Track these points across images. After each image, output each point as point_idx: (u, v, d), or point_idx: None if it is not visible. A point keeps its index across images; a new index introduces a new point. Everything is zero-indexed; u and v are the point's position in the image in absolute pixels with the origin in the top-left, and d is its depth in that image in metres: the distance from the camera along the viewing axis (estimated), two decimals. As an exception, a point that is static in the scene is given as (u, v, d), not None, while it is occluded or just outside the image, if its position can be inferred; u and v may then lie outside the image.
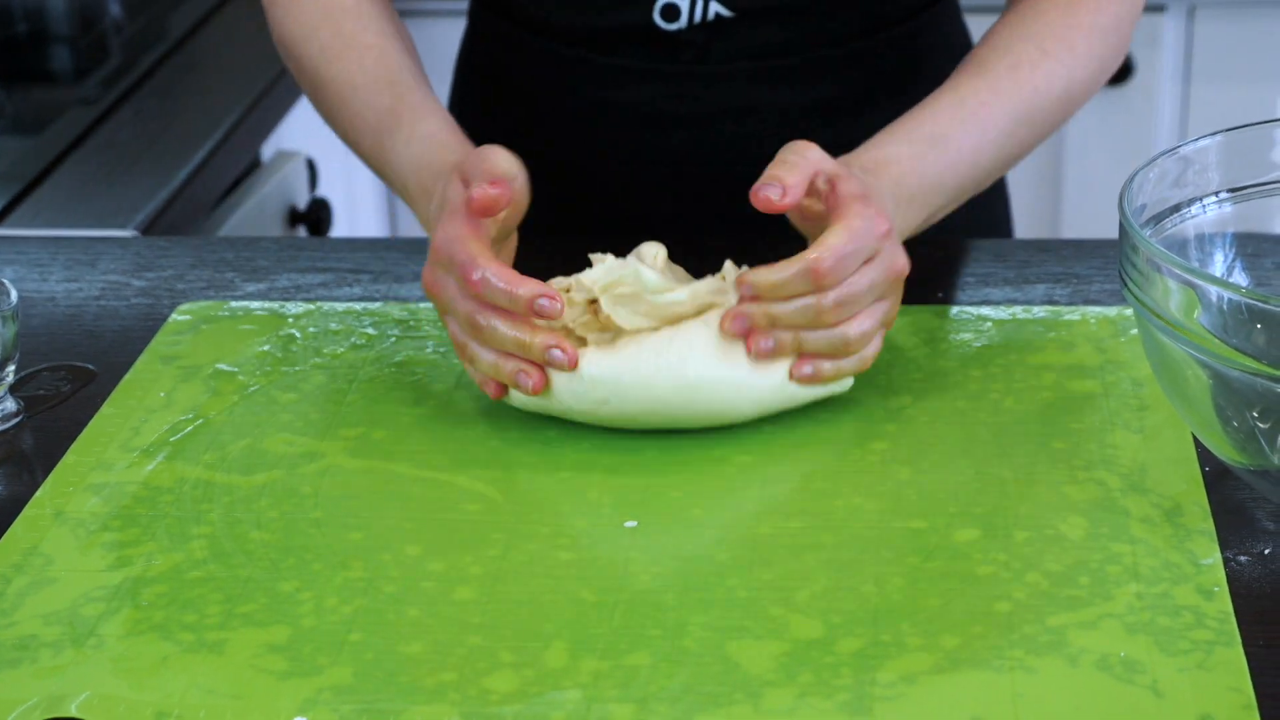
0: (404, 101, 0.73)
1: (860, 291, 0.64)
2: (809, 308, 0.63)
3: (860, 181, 0.65)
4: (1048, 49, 0.73)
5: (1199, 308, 0.57)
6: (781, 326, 0.64)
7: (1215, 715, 0.51)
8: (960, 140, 0.70)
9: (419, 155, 0.71)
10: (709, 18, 0.78)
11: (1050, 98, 0.73)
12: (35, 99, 1.23)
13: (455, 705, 0.53)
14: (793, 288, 0.63)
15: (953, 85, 0.72)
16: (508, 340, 0.64)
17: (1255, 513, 0.61)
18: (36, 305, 0.80)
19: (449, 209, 0.66)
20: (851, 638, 0.55)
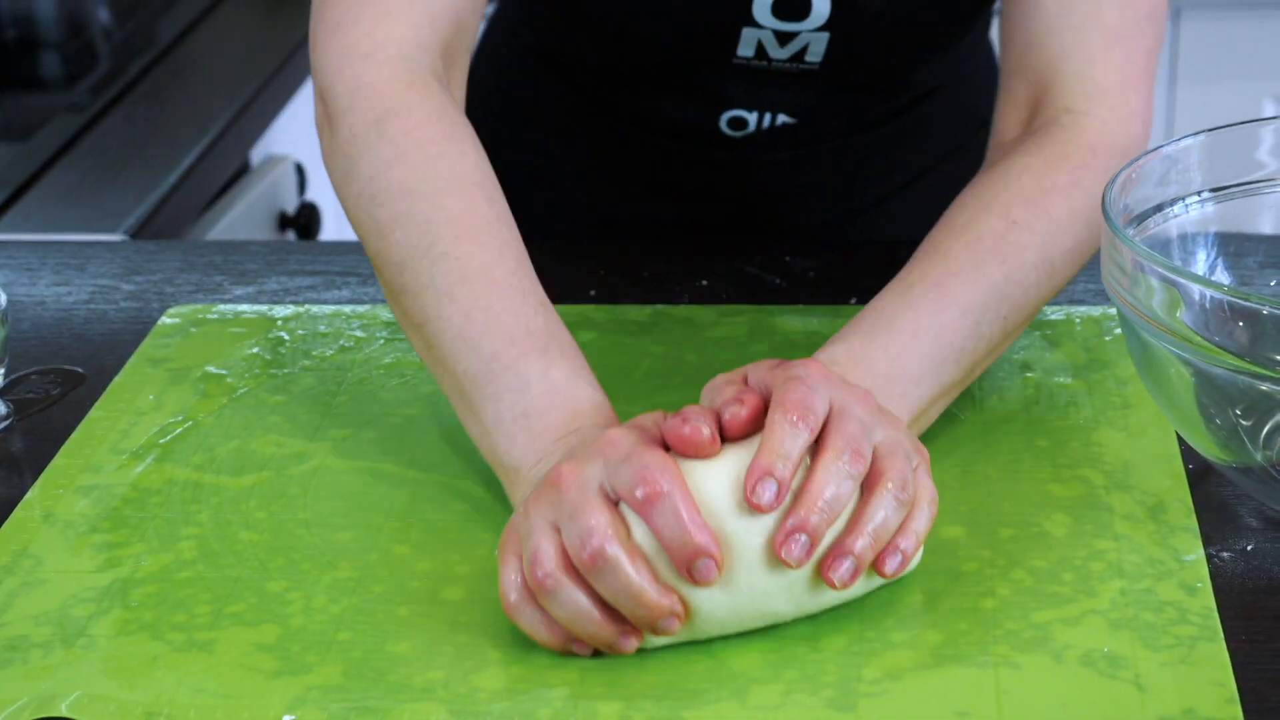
0: (560, 333, 0.60)
1: (852, 429, 0.53)
2: (836, 467, 0.52)
3: (767, 363, 0.56)
4: (1015, 218, 0.63)
5: (1182, 306, 0.58)
6: (836, 512, 0.53)
7: (1198, 709, 0.52)
8: (913, 321, 0.60)
9: (580, 398, 0.58)
10: (776, 125, 0.79)
11: (1023, 268, 0.62)
12: (24, 104, 1.23)
13: (443, 703, 0.53)
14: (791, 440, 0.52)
15: (902, 275, 0.63)
16: (624, 584, 0.52)
17: (1238, 509, 0.61)
18: (26, 309, 0.80)
19: (637, 425, 0.54)
20: (837, 634, 0.55)
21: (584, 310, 0.77)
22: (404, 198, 0.62)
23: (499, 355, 0.59)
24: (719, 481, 0.53)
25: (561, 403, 0.58)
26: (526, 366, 0.59)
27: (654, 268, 0.80)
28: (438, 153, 0.63)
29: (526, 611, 0.54)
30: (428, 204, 0.62)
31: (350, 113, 0.65)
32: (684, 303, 0.77)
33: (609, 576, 0.52)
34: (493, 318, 0.60)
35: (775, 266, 0.79)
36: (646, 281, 0.79)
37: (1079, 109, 0.67)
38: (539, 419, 0.58)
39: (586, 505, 0.52)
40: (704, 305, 0.76)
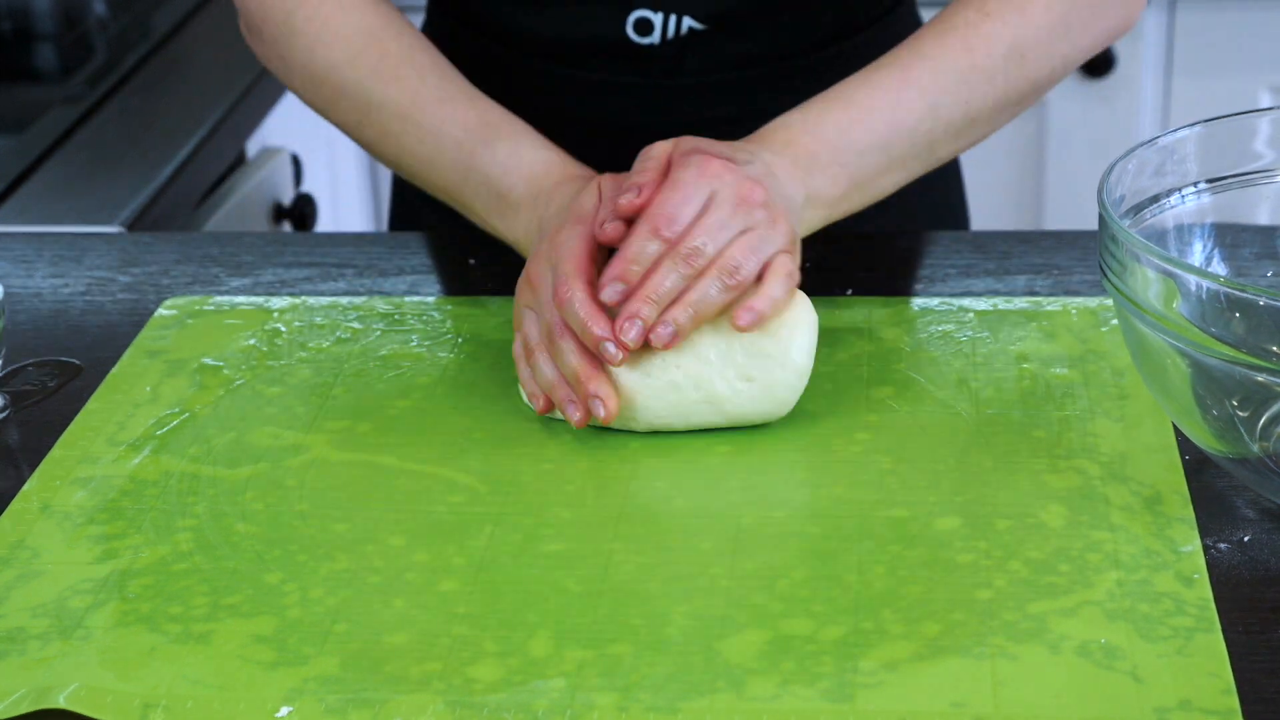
0: (493, 114, 0.72)
1: (712, 226, 0.62)
2: (675, 267, 0.62)
3: (693, 143, 0.65)
4: (989, 10, 0.69)
5: (1178, 297, 0.58)
6: (665, 302, 0.62)
7: (1195, 701, 0.52)
8: (870, 97, 0.67)
9: (530, 162, 0.70)
10: (682, 31, 0.78)
11: (991, 57, 0.68)
12: (20, 96, 1.23)
13: (440, 694, 0.54)
14: (644, 252, 0.62)
15: (875, 61, 0.70)
16: (569, 367, 0.64)
17: (1235, 500, 0.61)
18: (22, 301, 0.80)
19: (576, 216, 0.65)
20: (833, 626, 0.55)
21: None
22: (331, 72, 0.75)
23: (458, 163, 0.71)
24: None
25: (518, 177, 0.70)
26: (480, 161, 0.71)
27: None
28: (341, 21, 0.75)
29: (521, 369, 0.66)
30: (350, 69, 0.74)
31: (265, 20, 0.76)
32: None
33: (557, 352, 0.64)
34: (439, 134, 0.72)
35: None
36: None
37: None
38: (509, 196, 0.70)
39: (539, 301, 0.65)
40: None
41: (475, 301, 0.77)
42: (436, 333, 0.74)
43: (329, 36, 0.74)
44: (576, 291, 0.63)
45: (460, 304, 0.77)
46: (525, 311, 0.66)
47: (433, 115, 0.72)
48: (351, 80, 0.74)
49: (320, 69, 0.75)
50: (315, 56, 0.75)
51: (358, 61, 0.74)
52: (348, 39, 0.74)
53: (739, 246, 0.63)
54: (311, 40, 0.75)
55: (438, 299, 0.77)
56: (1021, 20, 0.69)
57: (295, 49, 0.76)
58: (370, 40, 0.74)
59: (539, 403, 0.66)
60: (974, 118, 0.69)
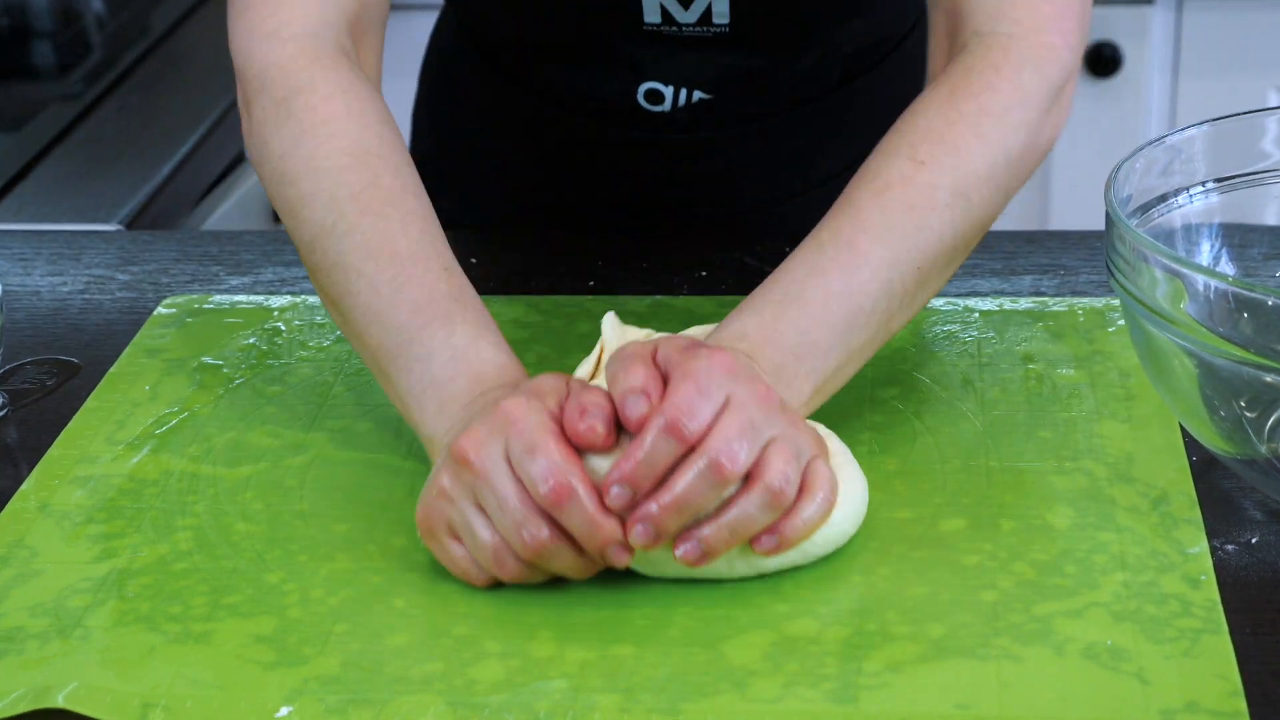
0: (465, 295, 0.62)
1: (738, 431, 0.54)
2: (703, 476, 0.54)
3: (683, 340, 0.57)
4: (921, 158, 0.62)
5: (1185, 297, 0.57)
6: (690, 515, 0.55)
7: (1201, 702, 0.51)
8: (823, 289, 0.60)
9: (484, 361, 0.59)
10: (693, 100, 0.78)
11: (935, 209, 0.61)
12: (17, 94, 1.23)
13: (441, 695, 0.53)
14: (659, 453, 0.54)
15: (814, 234, 0.62)
16: (567, 565, 0.55)
17: (1242, 502, 0.61)
18: (20, 299, 0.79)
19: (533, 392, 0.56)
20: (838, 627, 0.55)
21: (582, 301, 0.76)
22: (310, 176, 0.64)
23: (405, 327, 0.61)
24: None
25: (465, 369, 0.60)
26: (430, 335, 0.60)
27: (653, 259, 0.79)
28: (341, 128, 0.64)
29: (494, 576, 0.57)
30: (331, 181, 0.63)
31: (261, 94, 0.66)
32: (683, 294, 0.77)
33: (528, 540, 0.55)
34: (397, 289, 0.61)
35: (775, 257, 0.78)
36: (645, 272, 0.78)
37: (985, 30, 0.64)
38: (446, 386, 0.59)
39: (494, 481, 0.55)
40: (703, 296, 0.76)
41: (476, 300, 0.77)
42: (438, 332, 0.74)
43: (321, 136, 0.64)
44: (581, 490, 0.54)
45: (461, 303, 0.76)
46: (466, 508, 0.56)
47: (400, 266, 0.61)
48: (325, 193, 0.63)
49: (298, 166, 0.64)
50: (299, 150, 0.64)
51: (340, 177, 0.63)
52: (340, 149, 0.64)
53: (780, 456, 0.55)
54: (300, 133, 0.64)
55: (439, 298, 0.77)
56: (958, 162, 0.62)
57: (281, 134, 0.64)
58: (364, 160, 0.64)
59: (475, 577, 0.57)
60: (925, 280, 0.62)
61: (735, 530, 0.55)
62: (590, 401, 0.55)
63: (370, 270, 0.62)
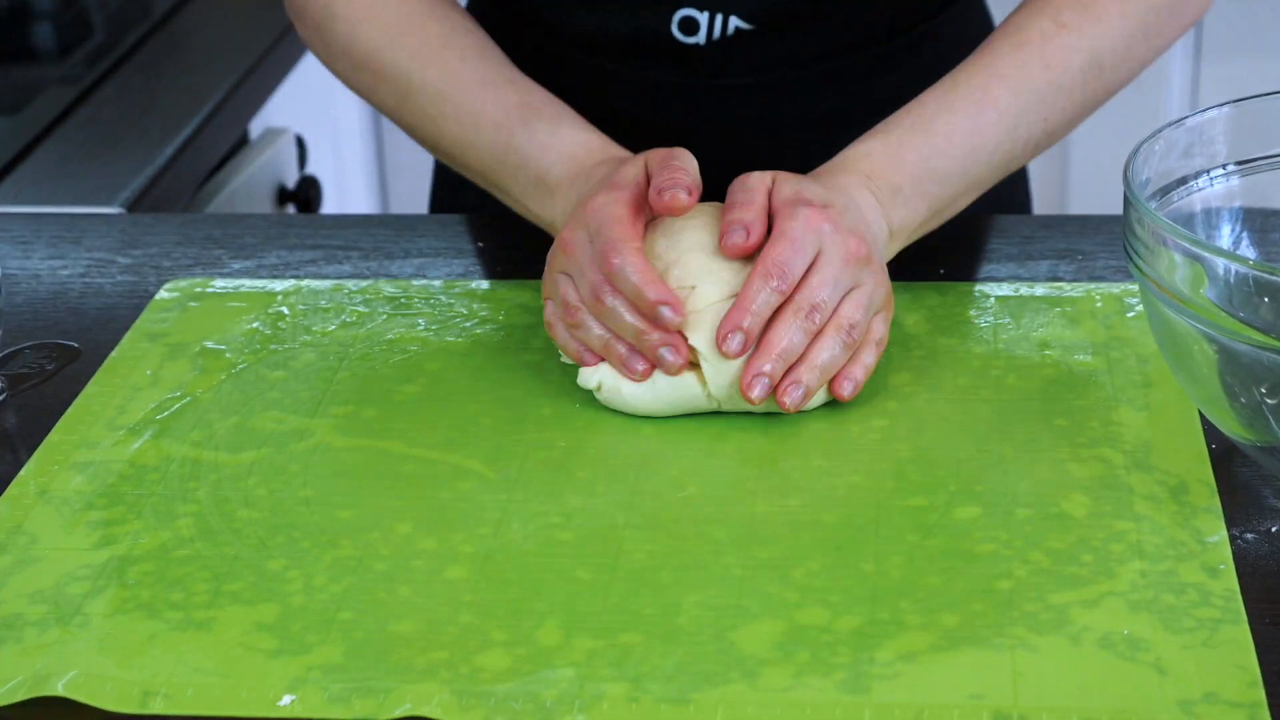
0: (535, 96, 0.71)
1: (823, 282, 0.62)
2: (797, 322, 0.62)
3: (794, 185, 0.64)
4: (1064, 20, 0.68)
5: (1205, 282, 0.56)
6: (790, 359, 0.62)
7: (1220, 693, 0.51)
8: (949, 124, 0.67)
9: (569, 143, 0.69)
10: (729, 31, 0.77)
11: (1069, 71, 0.68)
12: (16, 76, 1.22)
13: (446, 684, 0.52)
14: (763, 303, 0.62)
15: (951, 74, 0.69)
16: (626, 326, 0.63)
17: (1262, 490, 0.60)
18: (20, 282, 0.79)
19: (616, 184, 0.64)
20: (850, 616, 0.54)
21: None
22: (371, 57, 0.74)
23: (495, 143, 0.71)
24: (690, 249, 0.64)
25: (556, 157, 0.69)
26: (517, 142, 0.70)
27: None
28: (383, 4, 0.74)
29: (559, 332, 0.66)
30: (389, 53, 0.74)
31: (307, 6, 0.75)
32: None
33: (607, 313, 0.63)
34: (477, 116, 0.71)
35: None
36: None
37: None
38: (547, 178, 0.69)
39: (577, 255, 0.64)
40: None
41: (483, 285, 0.76)
42: (444, 317, 0.73)
43: (369, 20, 0.74)
44: (628, 257, 0.62)
45: (468, 288, 0.75)
46: (559, 277, 0.65)
47: (472, 96, 0.71)
48: (391, 63, 0.73)
49: (361, 53, 0.74)
50: (356, 40, 0.74)
51: (398, 44, 0.73)
52: (388, 22, 0.73)
53: (853, 305, 0.63)
54: (352, 24, 0.74)
55: (445, 282, 0.76)
56: (1099, 30, 0.68)
57: (336, 33, 0.75)
58: (411, 22, 0.73)
59: (590, 360, 0.65)
60: (1051, 132, 0.68)
61: (824, 370, 0.63)
62: (667, 181, 0.63)
63: (450, 110, 0.72)
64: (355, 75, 0.76)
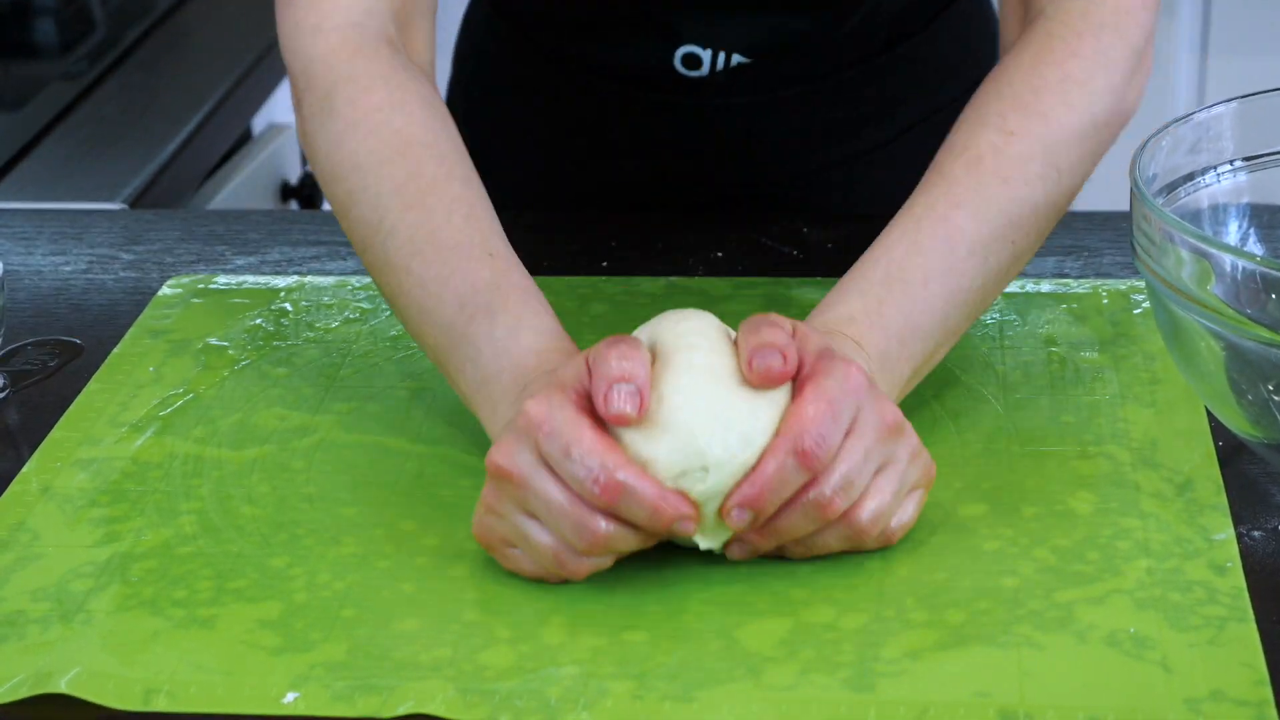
0: (507, 277, 0.61)
1: (856, 466, 0.54)
2: (811, 507, 0.54)
3: (820, 337, 0.56)
4: (1011, 127, 0.62)
5: (1212, 278, 0.56)
6: (789, 540, 0.55)
7: (1227, 691, 0.51)
8: (924, 270, 0.60)
9: (525, 350, 0.58)
10: (731, 64, 0.77)
11: (1028, 181, 0.61)
12: (18, 72, 1.22)
13: (450, 681, 0.52)
14: (787, 482, 0.53)
15: (908, 206, 0.62)
16: (633, 545, 0.54)
17: (1269, 488, 0.60)
18: (22, 279, 0.79)
19: (557, 384, 0.54)
20: (855, 613, 0.54)
21: (596, 282, 0.75)
22: (354, 173, 0.64)
23: (453, 324, 0.60)
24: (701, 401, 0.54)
25: (508, 363, 0.59)
26: (475, 332, 0.60)
27: (668, 239, 0.78)
28: (383, 120, 0.64)
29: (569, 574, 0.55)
30: (374, 177, 0.63)
31: (307, 90, 0.66)
32: (698, 275, 0.76)
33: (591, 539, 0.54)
34: (443, 284, 0.61)
35: (791, 238, 0.78)
36: (660, 253, 0.77)
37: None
38: (494, 383, 0.59)
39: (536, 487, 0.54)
40: (719, 278, 0.75)
41: (486, 281, 0.76)
42: (446, 312, 0.73)
43: (364, 130, 0.64)
44: (629, 478, 0.52)
45: (470, 283, 0.75)
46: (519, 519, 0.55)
47: (443, 259, 0.61)
48: (370, 189, 0.63)
49: (344, 163, 0.64)
50: (343, 147, 0.64)
51: (383, 171, 0.63)
52: (382, 142, 0.63)
53: (876, 501, 0.55)
54: (344, 128, 0.64)
55: (447, 278, 0.76)
56: (1046, 131, 0.62)
57: (326, 131, 0.64)
58: (406, 151, 0.63)
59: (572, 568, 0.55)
60: (1019, 255, 0.62)
61: (809, 549, 0.56)
62: (614, 377, 0.54)
63: (417, 268, 0.61)
64: (331, 185, 0.65)
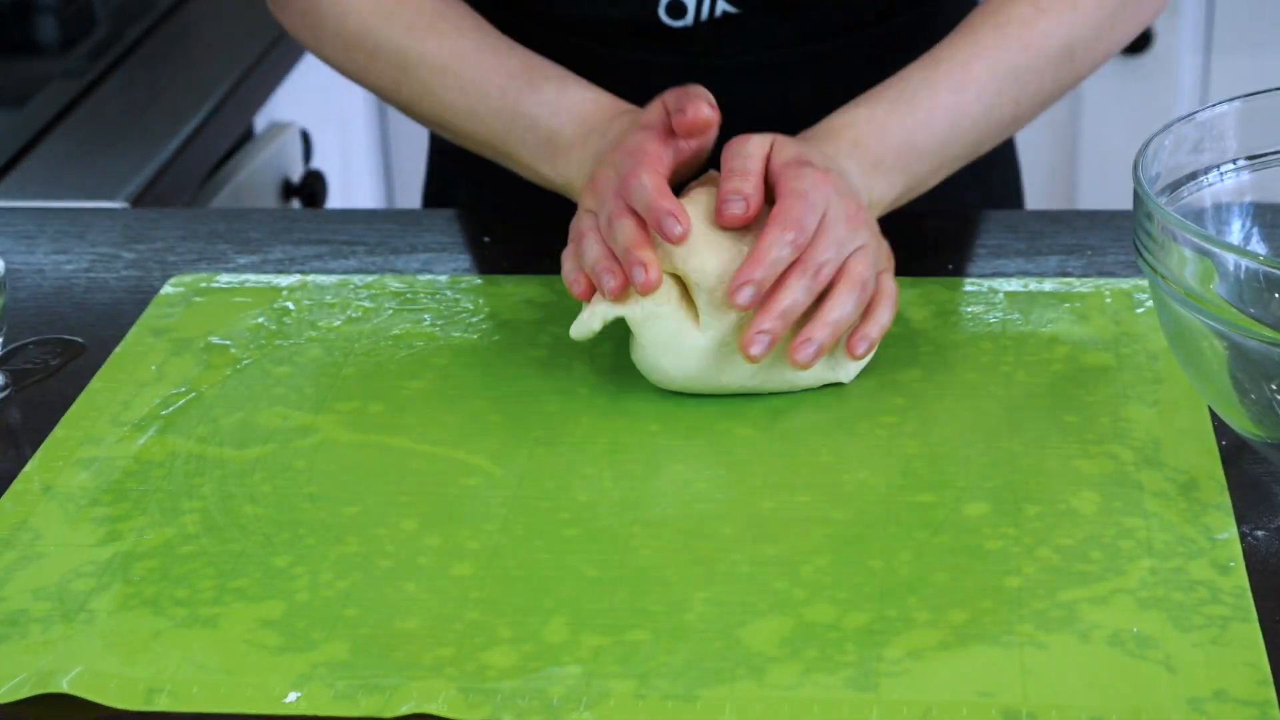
0: (537, 60, 0.71)
1: (834, 241, 0.63)
2: (803, 281, 0.62)
3: (795, 148, 0.64)
4: (1042, 5, 0.70)
5: (1215, 277, 0.56)
6: (792, 317, 0.62)
7: (1230, 691, 0.50)
8: (932, 99, 0.68)
9: (579, 102, 0.69)
10: (716, 14, 0.77)
11: (1045, 55, 0.70)
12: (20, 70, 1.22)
13: (453, 680, 0.52)
14: (778, 258, 0.62)
15: (932, 50, 0.70)
16: (619, 242, 0.62)
17: (1272, 487, 0.60)
18: (24, 277, 0.78)
19: (645, 124, 0.65)
20: (858, 613, 0.54)
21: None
22: (364, 34, 0.73)
23: (501, 110, 0.70)
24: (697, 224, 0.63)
25: (568, 117, 0.69)
26: (525, 103, 0.70)
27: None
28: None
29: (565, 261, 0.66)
30: (387, 28, 0.73)
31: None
32: None
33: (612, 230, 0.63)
34: (480, 83, 0.71)
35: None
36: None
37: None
38: (558, 137, 0.69)
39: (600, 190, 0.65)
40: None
41: (490, 280, 0.76)
42: (450, 312, 0.73)
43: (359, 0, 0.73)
44: (645, 174, 0.62)
45: (474, 283, 0.75)
46: (584, 215, 0.66)
47: (473, 64, 0.71)
48: (386, 39, 0.73)
49: (353, 32, 0.73)
50: (347, 19, 0.73)
51: (392, 19, 0.72)
52: (378, 4, 0.73)
53: (861, 263, 0.63)
54: (342, 4, 0.73)
55: (451, 277, 0.76)
56: (1075, 18, 0.69)
57: (325, 15, 0.74)
58: (401, 0, 0.73)
59: (579, 286, 0.64)
60: (1020, 115, 0.70)
61: (837, 325, 0.63)
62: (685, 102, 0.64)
63: (452, 82, 0.71)
64: (348, 56, 0.75)
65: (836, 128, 0.67)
